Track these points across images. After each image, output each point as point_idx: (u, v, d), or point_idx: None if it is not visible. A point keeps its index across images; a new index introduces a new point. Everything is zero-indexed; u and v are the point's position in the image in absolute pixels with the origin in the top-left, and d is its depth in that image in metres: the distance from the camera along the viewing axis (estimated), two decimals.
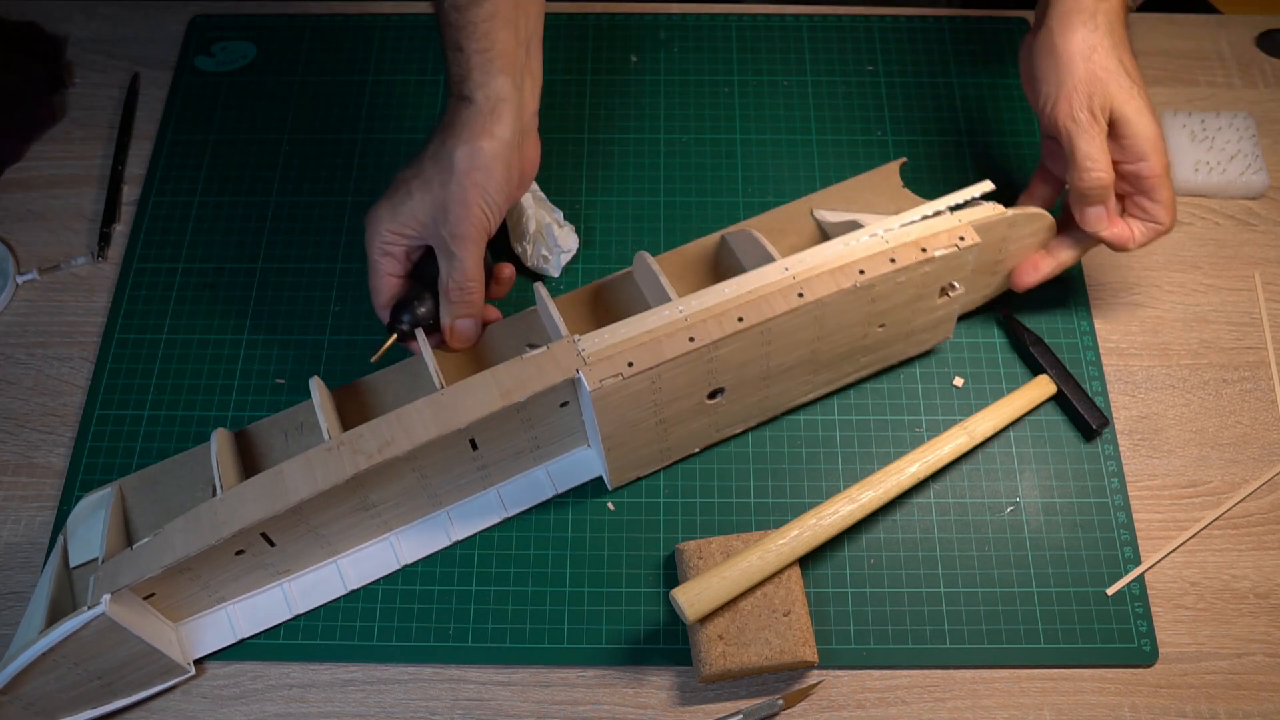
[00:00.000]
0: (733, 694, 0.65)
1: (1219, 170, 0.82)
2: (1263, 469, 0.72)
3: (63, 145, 0.86)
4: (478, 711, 0.65)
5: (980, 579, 0.68)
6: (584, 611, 0.67)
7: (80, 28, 0.92)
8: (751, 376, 0.65)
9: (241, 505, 0.59)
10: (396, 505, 0.66)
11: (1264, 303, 0.78)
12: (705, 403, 0.66)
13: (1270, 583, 0.68)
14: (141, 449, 0.73)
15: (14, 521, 0.71)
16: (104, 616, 0.57)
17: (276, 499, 0.59)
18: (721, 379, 0.64)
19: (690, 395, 0.64)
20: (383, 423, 0.60)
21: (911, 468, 0.68)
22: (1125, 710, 0.65)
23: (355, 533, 0.66)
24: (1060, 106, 0.66)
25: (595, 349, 0.60)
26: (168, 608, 0.63)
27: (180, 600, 0.63)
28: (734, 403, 0.67)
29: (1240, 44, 0.91)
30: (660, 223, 0.82)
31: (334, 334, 0.77)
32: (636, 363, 0.60)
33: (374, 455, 0.59)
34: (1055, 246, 0.72)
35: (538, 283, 0.68)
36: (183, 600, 0.63)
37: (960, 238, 0.65)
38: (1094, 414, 0.72)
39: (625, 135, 0.86)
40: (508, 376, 0.61)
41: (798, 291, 0.62)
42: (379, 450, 0.59)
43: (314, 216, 0.82)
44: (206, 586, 0.63)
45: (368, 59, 0.90)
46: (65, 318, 0.79)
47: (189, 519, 0.59)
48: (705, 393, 0.65)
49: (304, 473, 0.59)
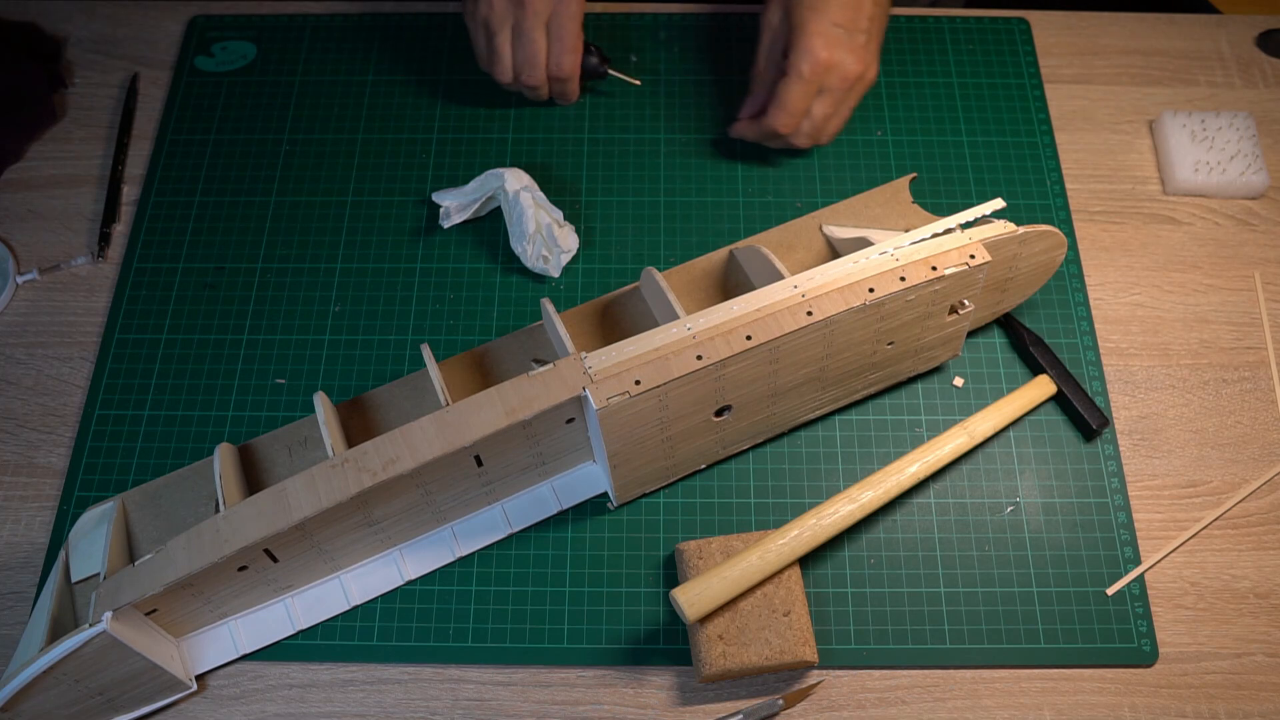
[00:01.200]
0: (733, 694, 0.65)
1: (1219, 170, 0.82)
2: (1263, 469, 0.72)
3: (63, 145, 0.86)
4: (478, 711, 0.65)
5: (980, 579, 0.68)
6: (584, 611, 0.67)
7: (80, 28, 0.92)
8: (759, 394, 0.65)
9: (244, 523, 0.58)
10: (400, 521, 0.65)
11: (1264, 303, 0.78)
12: (712, 420, 0.65)
13: (1270, 583, 0.68)
14: (141, 449, 0.73)
15: (14, 521, 0.71)
16: (105, 634, 0.56)
17: (279, 517, 0.58)
18: (729, 396, 0.64)
19: (697, 413, 0.64)
20: (387, 440, 0.59)
21: (911, 468, 0.68)
22: (1125, 710, 0.65)
23: (358, 548, 0.66)
24: None
25: (602, 367, 0.60)
26: (169, 623, 0.63)
27: (182, 616, 0.63)
28: (740, 420, 0.67)
29: (1240, 44, 0.91)
30: (660, 223, 0.82)
31: (334, 334, 0.77)
32: (644, 380, 0.59)
33: (378, 473, 0.59)
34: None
35: (545, 299, 0.68)
36: (184, 616, 0.63)
37: (971, 256, 0.64)
38: (1094, 414, 0.72)
39: (625, 135, 0.86)
40: (514, 394, 0.60)
41: (807, 310, 0.62)
42: (383, 468, 0.59)
43: (314, 216, 0.82)
44: (208, 602, 0.63)
45: (368, 59, 0.90)
46: (65, 318, 0.79)
47: (191, 535, 0.58)
48: (712, 410, 0.64)
49: (307, 490, 0.59)
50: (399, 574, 0.67)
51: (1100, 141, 0.86)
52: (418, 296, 0.79)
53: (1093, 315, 0.78)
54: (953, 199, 0.82)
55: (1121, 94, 0.88)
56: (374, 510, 0.62)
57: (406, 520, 0.65)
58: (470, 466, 0.63)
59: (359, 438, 0.64)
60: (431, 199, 0.81)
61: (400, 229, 0.82)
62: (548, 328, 0.67)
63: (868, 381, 0.71)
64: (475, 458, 0.63)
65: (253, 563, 0.61)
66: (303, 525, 0.59)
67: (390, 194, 0.83)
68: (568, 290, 0.79)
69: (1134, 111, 0.87)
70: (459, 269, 0.80)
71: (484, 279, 0.79)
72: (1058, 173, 0.84)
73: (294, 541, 0.61)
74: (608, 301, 0.72)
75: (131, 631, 0.59)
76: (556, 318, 0.65)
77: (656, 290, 0.68)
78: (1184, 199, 0.83)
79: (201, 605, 0.63)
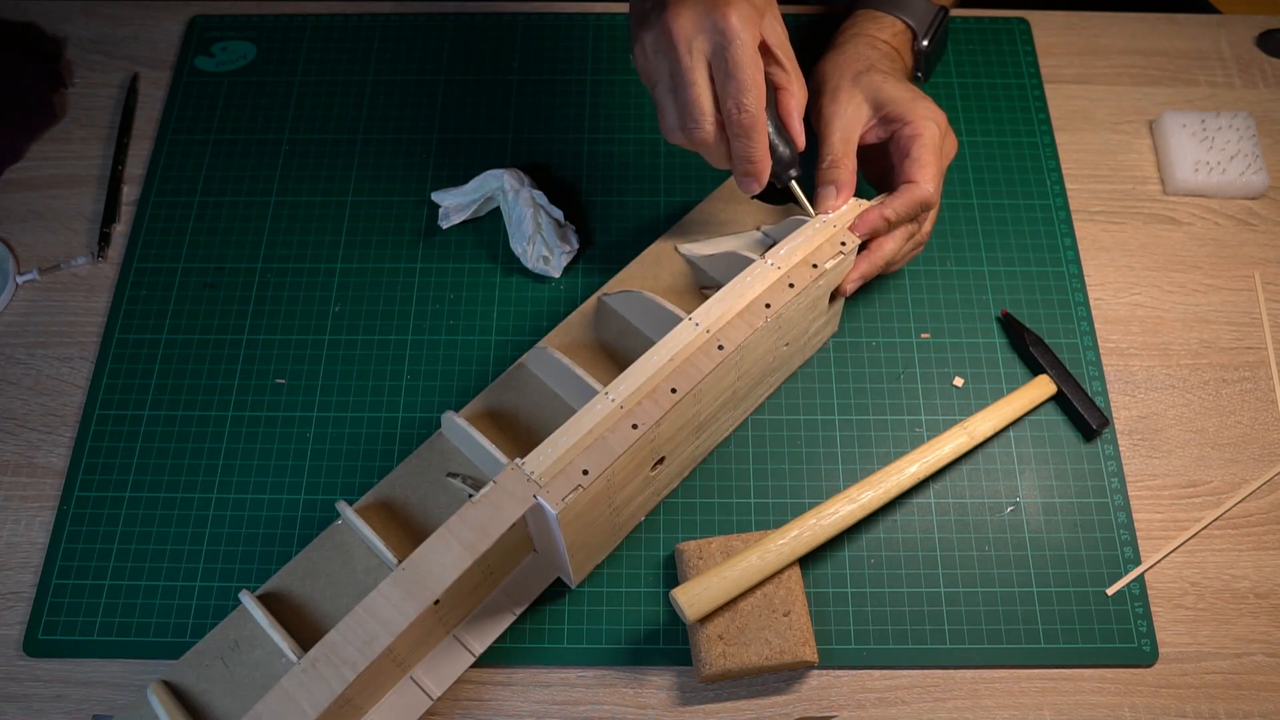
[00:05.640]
0: (733, 694, 0.65)
1: (1219, 170, 0.82)
2: (1263, 469, 0.72)
3: (63, 145, 0.86)
4: (478, 711, 0.65)
5: (980, 579, 0.68)
6: (584, 611, 0.67)
7: (80, 28, 0.92)
8: (685, 435, 0.64)
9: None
10: (366, 689, 0.59)
11: (1264, 303, 0.78)
12: (649, 475, 0.64)
13: (1270, 583, 0.68)
14: (141, 449, 0.73)
15: (14, 521, 0.71)
16: None
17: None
18: (663, 449, 0.63)
19: (638, 475, 0.62)
20: (352, 622, 0.55)
21: (911, 468, 0.68)
22: (1125, 710, 0.65)
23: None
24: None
25: (544, 467, 0.57)
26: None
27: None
28: (671, 463, 0.66)
29: (1240, 44, 0.91)
30: (660, 223, 0.82)
31: (334, 334, 0.77)
32: (591, 469, 0.56)
33: (358, 662, 0.54)
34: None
35: (447, 412, 0.64)
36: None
37: (842, 243, 0.65)
38: (1094, 414, 0.72)
39: (625, 135, 0.86)
40: (463, 527, 0.56)
41: (717, 344, 0.61)
42: (361, 653, 0.54)
43: (314, 216, 0.82)
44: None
45: (368, 59, 0.90)
46: (65, 318, 0.79)
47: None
48: (649, 467, 0.63)
49: (287, 709, 0.53)
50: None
51: (1100, 141, 0.86)
52: (418, 296, 0.79)
53: (1093, 315, 0.78)
54: (952, 199, 0.82)
55: (1121, 94, 0.88)
56: (348, 693, 0.57)
57: (373, 685, 0.60)
58: (429, 611, 0.58)
59: (298, 627, 0.59)
60: (431, 199, 0.81)
61: (400, 229, 0.82)
62: (459, 441, 0.63)
63: (769, 385, 0.72)
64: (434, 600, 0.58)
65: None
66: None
67: (390, 194, 0.83)
68: (568, 290, 0.79)
69: (1134, 111, 0.87)
70: (459, 269, 0.80)
71: (484, 279, 0.79)
72: (1058, 173, 0.84)
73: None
74: (499, 386, 0.68)
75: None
76: (470, 428, 0.62)
77: (554, 364, 0.65)
78: (1184, 199, 0.83)
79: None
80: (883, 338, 0.77)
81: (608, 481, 0.58)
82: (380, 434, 0.73)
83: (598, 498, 0.59)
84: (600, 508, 0.61)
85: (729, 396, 0.66)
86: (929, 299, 0.78)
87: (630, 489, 0.63)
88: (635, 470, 0.61)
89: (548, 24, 0.92)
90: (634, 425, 0.58)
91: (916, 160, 0.67)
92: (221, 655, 0.60)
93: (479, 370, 0.75)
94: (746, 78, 0.59)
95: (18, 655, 0.67)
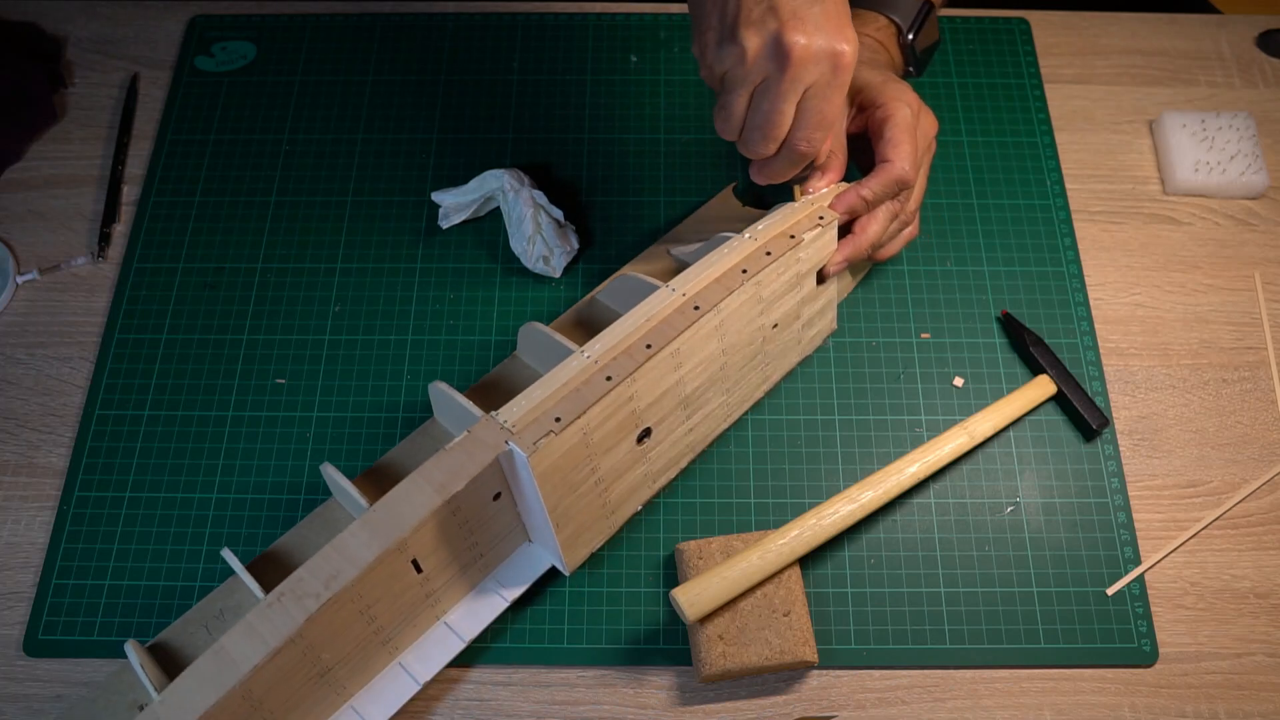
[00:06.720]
0: (733, 694, 0.65)
1: (1219, 170, 0.82)
2: (1263, 469, 0.72)
3: (63, 145, 0.86)
4: (478, 711, 0.65)
5: (980, 579, 0.68)
6: (584, 611, 0.67)
7: (80, 28, 0.92)
8: (671, 407, 0.64)
9: (186, 697, 0.53)
10: (350, 662, 0.60)
11: (1264, 303, 0.78)
12: (636, 449, 0.64)
13: (1270, 583, 0.69)
14: (141, 449, 0.73)
15: (14, 521, 0.71)
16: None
17: (225, 674, 0.53)
18: (646, 418, 0.63)
19: (621, 443, 0.62)
20: (319, 559, 0.56)
21: (911, 468, 0.68)
22: (1125, 710, 0.65)
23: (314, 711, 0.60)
24: None
25: (517, 417, 0.58)
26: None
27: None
28: (662, 440, 0.66)
29: (1240, 44, 0.91)
30: (660, 223, 0.82)
31: (334, 334, 0.77)
32: (563, 416, 0.57)
33: (321, 594, 0.54)
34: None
35: (435, 382, 0.65)
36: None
37: (821, 217, 0.67)
38: (1094, 414, 0.72)
39: (625, 135, 0.86)
40: (437, 470, 0.57)
41: (693, 305, 0.62)
42: (325, 586, 0.54)
43: (314, 216, 0.82)
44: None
45: (368, 59, 0.90)
46: (65, 318, 0.79)
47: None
48: (634, 436, 0.63)
49: (247, 639, 0.54)
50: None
51: (1100, 141, 0.86)
52: (418, 296, 0.79)
53: (1093, 315, 0.78)
54: (953, 199, 0.82)
55: (1121, 94, 0.88)
56: (322, 654, 0.57)
57: (355, 660, 0.60)
58: (410, 576, 0.59)
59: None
60: (431, 199, 0.81)
61: (400, 229, 0.82)
62: (445, 406, 0.64)
63: (765, 375, 0.72)
64: (414, 562, 0.59)
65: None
66: (249, 690, 0.54)
67: (390, 194, 0.83)
68: (568, 290, 0.79)
69: (1134, 111, 0.87)
70: (459, 269, 0.80)
71: (484, 279, 0.79)
72: (1058, 173, 0.84)
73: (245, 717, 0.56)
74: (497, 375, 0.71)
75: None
76: (452, 391, 0.63)
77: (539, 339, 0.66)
78: (1184, 199, 0.83)
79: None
80: (883, 338, 0.77)
81: (584, 435, 0.59)
82: (380, 434, 0.73)
83: (576, 456, 0.59)
84: (581, 471, 0.61)
85: (717, 371, 0.66)
86: (929, 299, 0.78)
87: (616, 459, 0.63)
88: (617, 434, 0.61)
89: (548, 24, 0.92)
90: (608, 378, 0.59)
91: (890, 140, 0.67)
92: (205, 623, 0.62)
93: (479, 370, 0.75)
94: (831, 118, 0.60)
95: (18, 655, 0.67)
